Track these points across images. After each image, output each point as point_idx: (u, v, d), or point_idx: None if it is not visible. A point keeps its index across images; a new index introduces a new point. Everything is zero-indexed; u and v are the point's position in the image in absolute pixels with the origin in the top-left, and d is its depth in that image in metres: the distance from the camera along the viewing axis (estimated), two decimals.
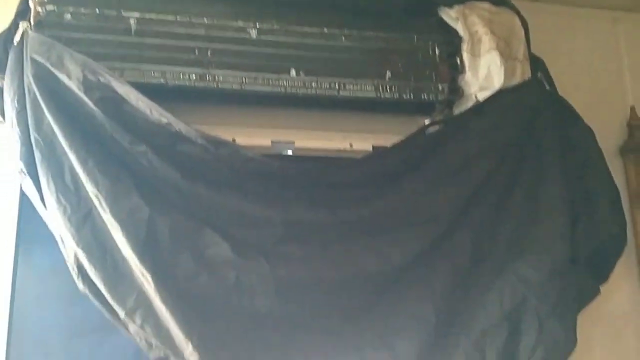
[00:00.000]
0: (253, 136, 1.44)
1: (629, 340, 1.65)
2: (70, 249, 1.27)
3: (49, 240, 1.31)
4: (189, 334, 1.22)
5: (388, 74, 1.48)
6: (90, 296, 1.27)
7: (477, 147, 1.44)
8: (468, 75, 1.50)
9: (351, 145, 1.53)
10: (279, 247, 1.32)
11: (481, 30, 1.50)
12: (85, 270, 1.26)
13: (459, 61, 1.52)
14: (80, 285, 1.28)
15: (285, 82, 1.42)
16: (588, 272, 1.48)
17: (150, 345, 1.26)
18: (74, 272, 1.28)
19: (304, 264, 1.32)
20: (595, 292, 1.50)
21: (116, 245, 1.25)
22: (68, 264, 1.29)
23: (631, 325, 1.66)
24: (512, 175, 1.47)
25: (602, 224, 1.49)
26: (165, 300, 1.22)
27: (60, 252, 1.30)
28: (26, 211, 1.39)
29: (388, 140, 1.45)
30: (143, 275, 1.23)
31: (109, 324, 1.29)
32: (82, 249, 1.25)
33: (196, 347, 1.21)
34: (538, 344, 1.36)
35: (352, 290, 1.34)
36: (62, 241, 1.29)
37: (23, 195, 1.36)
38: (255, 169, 1.32)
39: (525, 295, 1.38)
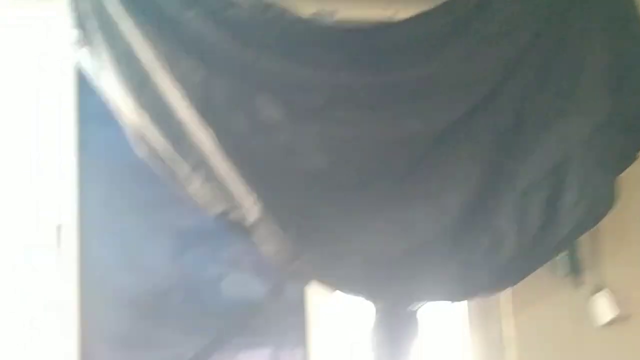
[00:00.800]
0: (295, 7, 1.45)
1: None
2: (129, 114, 1.33)
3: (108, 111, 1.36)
4: (250, 186, 1.29)
5: None
6: (150, 160, 1.34)
7: (522, 10, 1.43)
8: None
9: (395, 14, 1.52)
10: (326, 110, 1.36)
11: None
12: (145, 135, 1.32)
13: None
14: (140, 150, 1.34)
15: None
16: (627, 136, 1.49)
17: (211, 202, 1.33)
18: (133, 138, 1.34)
19: (351, 126, 1.37)
20: (633, 157, 1.51)
21: (175, 108, 1.31)
22: (127, 129, 1.34)
23: None
24: (556, 39, 1.46)
25: None
26: (225, 157, 1.28)
27: (118, 125, 1.35)
28: (84, 83, 1.44)
29: None
30: (203, 134, 1.29)
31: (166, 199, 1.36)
32: (142, 113, 1.30)
33: (259, 199, 1.29)
34: (580, 199, 1.39)
35: (398, 150, 1.39)
36: (121, 107, 1.34)
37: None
38: (301, 31, 1.35)
39: (567, 154, 1.41)
